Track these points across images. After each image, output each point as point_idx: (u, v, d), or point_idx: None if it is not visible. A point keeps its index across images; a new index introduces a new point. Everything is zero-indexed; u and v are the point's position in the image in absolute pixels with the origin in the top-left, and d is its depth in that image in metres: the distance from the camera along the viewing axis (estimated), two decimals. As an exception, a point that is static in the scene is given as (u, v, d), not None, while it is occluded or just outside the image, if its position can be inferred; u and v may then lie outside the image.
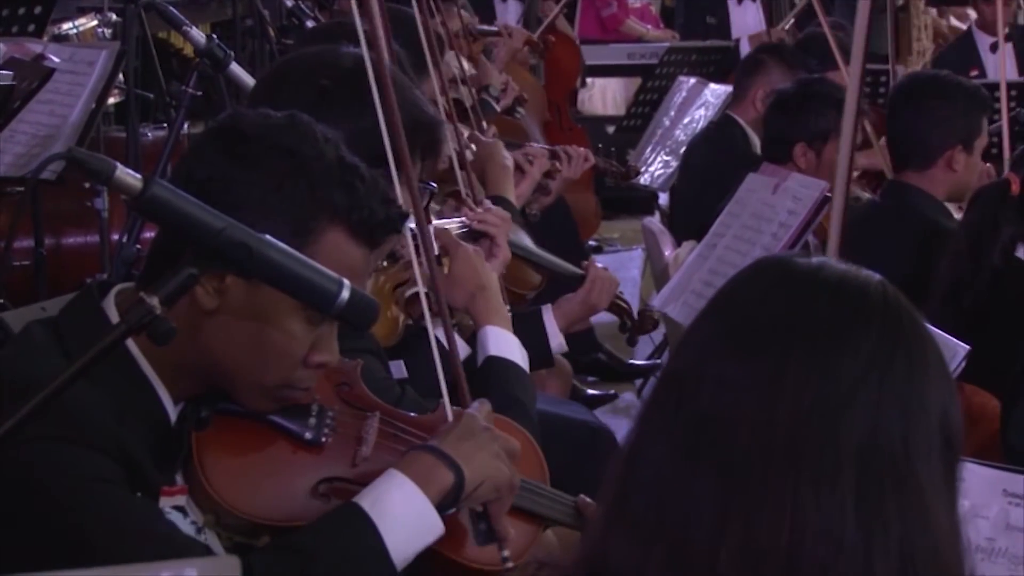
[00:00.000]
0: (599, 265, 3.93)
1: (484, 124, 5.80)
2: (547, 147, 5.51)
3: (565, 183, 5.41)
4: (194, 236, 1.95)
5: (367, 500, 2.21)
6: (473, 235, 3.56)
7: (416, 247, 2.69)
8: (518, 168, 4.95)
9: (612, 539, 1.57)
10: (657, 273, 5.86)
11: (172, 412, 2.23)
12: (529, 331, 3.55)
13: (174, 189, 1.94)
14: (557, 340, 3.72)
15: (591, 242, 8.16)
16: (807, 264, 1.62)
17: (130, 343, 2.15)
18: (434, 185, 3.20)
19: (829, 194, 4.44)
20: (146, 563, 1.44)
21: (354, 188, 2.21)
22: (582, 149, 5.45)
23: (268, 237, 1.98)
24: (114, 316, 2.21)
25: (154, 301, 1.93)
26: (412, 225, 3.17)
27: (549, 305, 3.77)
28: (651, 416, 1.61)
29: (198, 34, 3.23)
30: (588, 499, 2.57)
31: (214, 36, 3.26)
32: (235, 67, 3.24)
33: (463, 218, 3.62)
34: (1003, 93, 5.16)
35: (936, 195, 4.71)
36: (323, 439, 2.30)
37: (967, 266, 4.04)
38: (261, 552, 2.21)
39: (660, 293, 4.85)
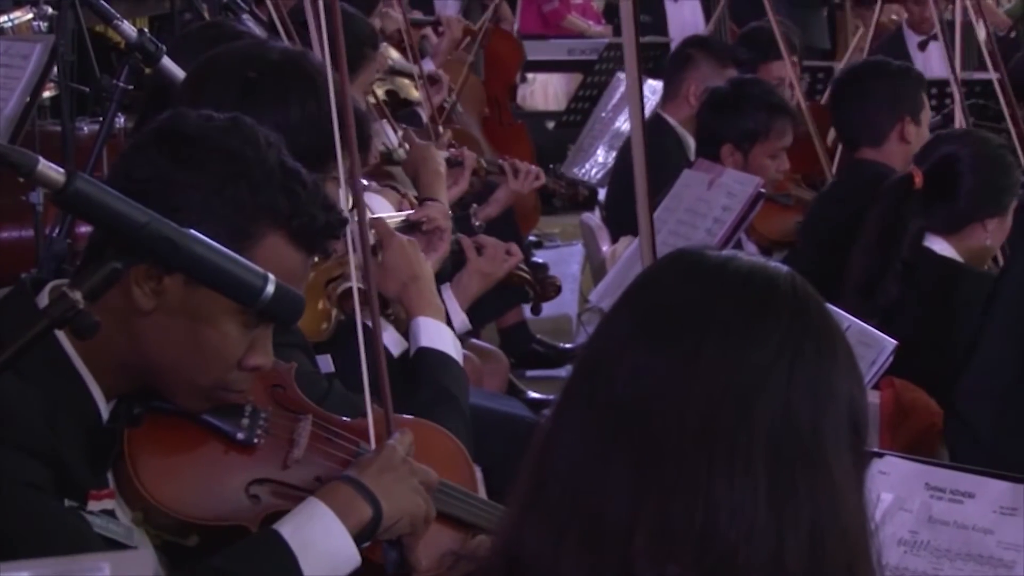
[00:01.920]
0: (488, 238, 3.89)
1: (441, 129, 5.81)
2: (497, 160, 5.51)
3: (513, 196, 5.40)
4: (118, 230, 1.95)
5: (287, 528, 2.22)
6: (412, 227, 3.57)
7: (352, 242, 2.69)
8: (450, 168, 4.97)
9: (527, 525, 1.61)
10: (595, 268, 5.88)
11: (105, 409, 2.22)
12: None
13: (97, 183, 1.94)
14: (460, 318, 3.70)
15: (531, 237, 8.16)
16: (718, 256, 1.66)
17: (64, 340, 2.16)
18: (368, 183, 3.21)
19: (763, 190, 4.49)
20: (58, 557, 1.43)
21: (295, 194, 2.21)
22: (534, 167, 5.43)
23: (192, 232, 1.98)
24: (44, 302, 2.19)
25: (77, 295, 1.92)
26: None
27: (448, 284, 3.76)
28: (567, 404, 1.64)
29: (129, 28, 3.22)
30: None
31: (145, 30, 3.23)
32: (167, 61, 3.23)
33: (405, 212, 3.62)
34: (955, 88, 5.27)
35: (894, 167, 4.77)
36: (255, 440, 2.31)
37: (877, 260, 4.09)
38: (179, 574, 2.21)
39: (596, 288, 4.88)
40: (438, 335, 3.12)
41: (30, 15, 5.90)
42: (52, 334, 2.02)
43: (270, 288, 2.00)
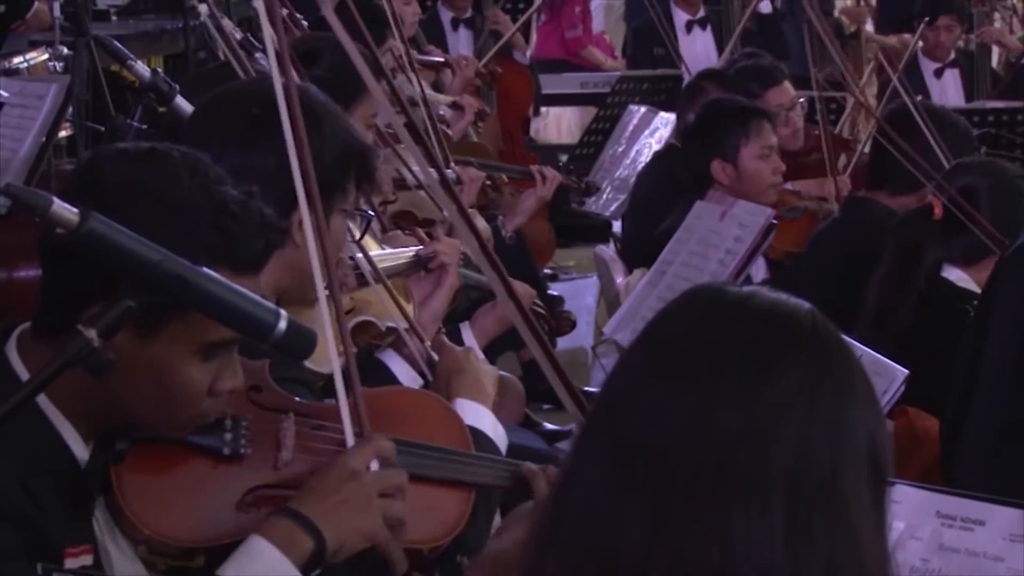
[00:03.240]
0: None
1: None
2: (522, 168, 5.57)
3: (539, 203, 5.47)
4: (131, 269, 1.97)
5: (231, 569, 2.21)
6: (422, 263, 3.59)
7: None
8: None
9: (544, 563, 1.60)
10: (609, 300, 5.89)
11: (83, 451, 2.21)
12: None
13: (110, 223, 1.96)
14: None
15: (546, 270, 8.18)
16: (737, 293, 1.66)
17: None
18: (371, 213, 3.23)
19: (775, 221, 4.51)
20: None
21: (227, 230, 2.17)
22: (553, 171, 5.54)
23: (205, 269, 2.00)
24: (15, 360, 2.20)
25: (92, 333, 1.95)
26: (356, 254, 3.21)
27: (466, 323, 3.79)
28: (584, 442, 1.64)
29: (143, 68, 3.25)
30: (534, 467, 2.60)
31: (158, 70, 3.26)
32: (180, 100, 3.26)
33: (415, 248, 3.64)
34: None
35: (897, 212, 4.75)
36: (241, 451, 2.31)
37: (893, 290, 4.09)
38: None
39: (610, 320, 4.90)
40: (474, 415, 3.10)
41: (45, 56, 5.94)
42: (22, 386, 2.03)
43: (282, 324, 2.02)
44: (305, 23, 6.68)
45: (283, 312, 2.03)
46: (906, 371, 3.24)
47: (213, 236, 2.15)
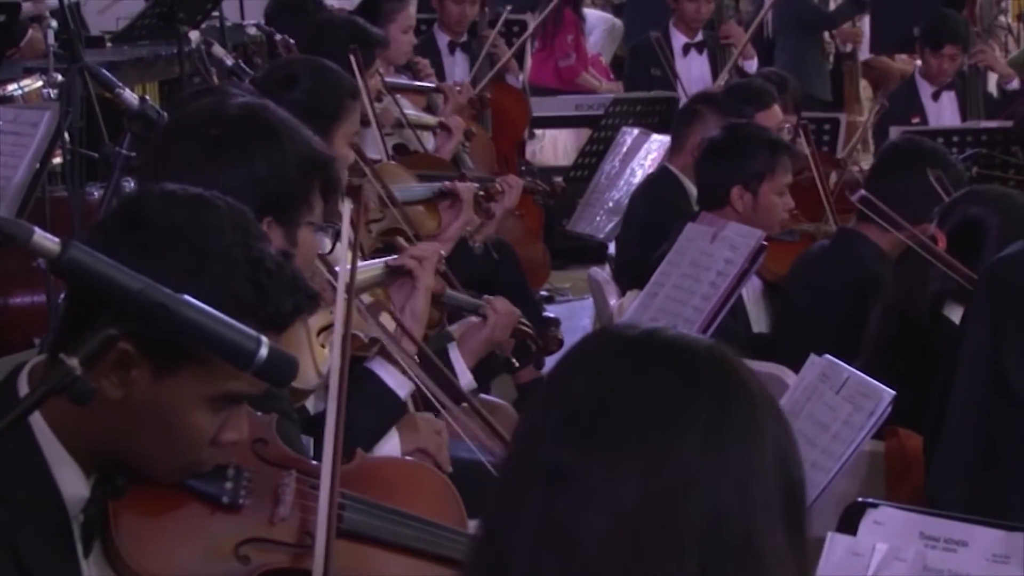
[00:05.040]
0: (497, 298, 3.94)
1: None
2: (479, 178, 5.60)
3: (506, 212, 5.51)
4: (112, 297, 1.98)
5: None
6: (397, 270, 3.61)
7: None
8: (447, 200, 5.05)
9: None
10: (604, 322, 5.90)
11: (83, 487, 2.22)
12: (436, 370, 3.59)
13: (91, 252, 1.97)
14: (466, 378, 3.77)
15: (542, 292, 8.19)
16: (634, 339, 1.61)
17: (38, 423, 2.16)
18: (339, 225, 3.25)
19: (766, 243, 4.51)
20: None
21: (261, 285, 2.19)
22: (515, 177, 5.57)
23: (186, 297, 2.01)
24: (24, 389, 2.21)
25: (74, 362, 1.96)
26: (336, 268, 3.23)
27: (454, 343, 3.81)
28: (497, 504, 1.60)
29: (131, 96, 3.27)
30: None
31: (146, 97, 3.28)
32: (168, 128, 3.27)
33: (387, 257, 3.67)
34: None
35: (885, 252, 4.73)
36: (240, 501, 2.32)
37: (896, 323, 4.08)
38: None
39: (602, 343, 4.89)
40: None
41: (40, 83, 5.98)
42: (26, 422, 2.04)
43: (263, 351, 2.03)
44: (292, 42, 6.74)
45: (264, 339, 2.04)
46: (892, 392, 3.24)
47: (245, 290, 2.17)
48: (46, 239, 1.95)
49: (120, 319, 2.00)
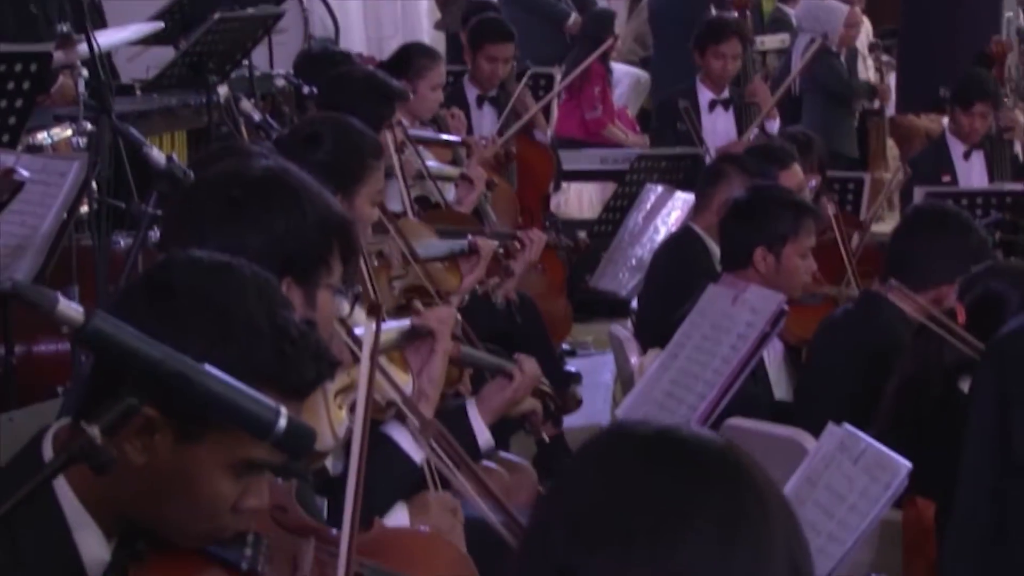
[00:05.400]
0: (524, 357, 3.96)
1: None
2: (500, 235, 5.62)
3: (527, 267, 5.53)
4: (134, 366, 2.01)
5: None
6: (414, 333, 3.63)
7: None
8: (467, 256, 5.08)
9: None
10: (624, 380, 5.91)
11: (103, 550, 2.24)
12: (455, 428, 3.60)
13: (115, 321, 2.00)
14: (484, 437, 3.78)
15: (564, 346, 8.19)
16: (647, 434, 1.61)
17: (61, 487, 2.18)
18: (358, 288, 3.28)
19: (787, 307, 4.52)
20: None
21: (284, 354, 2.21)
22: (537, 232, 5.59)
23: (207, 367, 2.04)
24: (48, 454, 2.23)
25: (95, 430, 1.99)
26: (357, 331, 3.25)
27: (473, 400, 3.82)
28: None
29: (158, 154, 3.30)
30: None
31: (173, 156, 3.31)
32: (195, 187, 3.30)
33: (405, 320, 3.69)
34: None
35: (909, 317, 4.74)
36: (259, 568, 2.32)
37: (911, 393, 4.08)
38: None
39: (623, 403, 4.91)
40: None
41: (69, 131, 6.01)
42: (49, 485, 2.06)
43: (282, 422, 2.06)
44: (314, 91, 6.78)
45: (283, 410, 2.06)
46: (909, 465, 3.24)
47: (269, 358, 2.19)
48: (70, 308, 1.98)
49: (142, 387, 2.03)
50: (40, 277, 5.11)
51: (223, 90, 5.41)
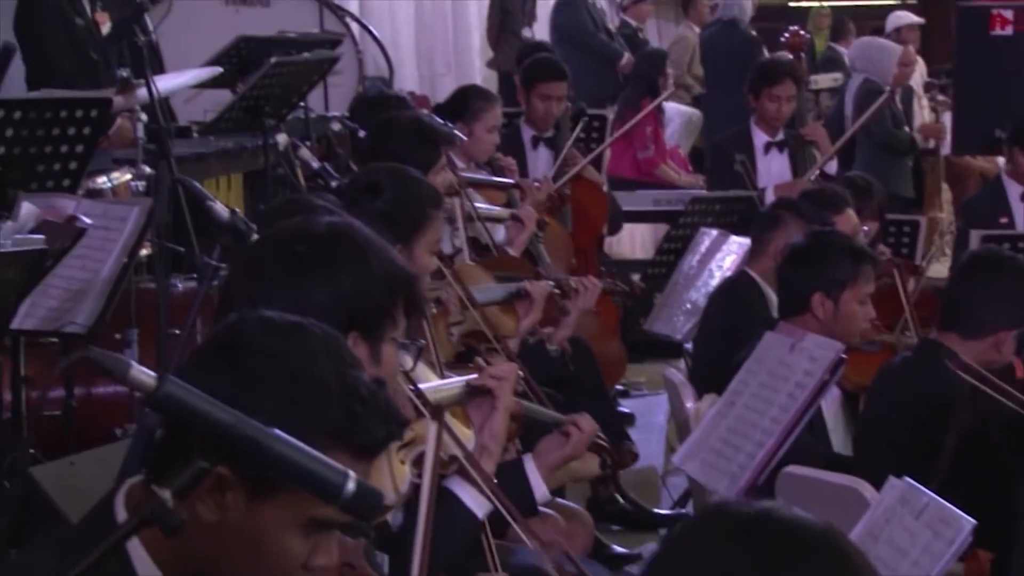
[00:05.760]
0: (582, 416, 3.97)
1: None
2: (556, 279, 5.64)
3: (581, 312, 5.54)
4: (205, 430, 2.03)
5: None
6: (476, 389, 3.65)
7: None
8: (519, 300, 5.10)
9: None
10: (679, 424, 5.89)
11: None
12: (512, 482, 3.62)
13: (185, 386, 2.02)
14: (541, 491, 3.79)
15: (618, 386, 8.19)
16: (747, 515, 1.62)
17: (135, 548, 2.20)
18: (421, 342, 3.30)
19: (845, 356, 4.51)
20: None
21: (354, 413, 2.22)
22: (592, 278, 5.61)
23: (277, 431, 2.05)
24: (121, 513, 2.25)
25: (166, 494, 2.01)
26: (421, 385, 3.27)
27: (530, 455, 3.84)
28: None
29: (221, 208, 3.33)
30: None
31: (236, 210, 3.34)
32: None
33: (468, 376, 3.70)
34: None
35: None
36: None
37: (971, 449, 4.07)
38: None
39: (680, 449, 4.89)
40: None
41: (128, 175, 6.07)
42: (123, 546, 2.08)
43: (351, 486, 2.06)
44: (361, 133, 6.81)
45: (351, 474, 2.07)
46: (973, 521, 3.23)
47: (338, 417, 2.21)
48: (142, 373, 2.00)
49: (213, 449, 2.05)
50: (100, 321, 5.15)
51: (282, 137, 5.45)
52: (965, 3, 10.30)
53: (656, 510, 6.84)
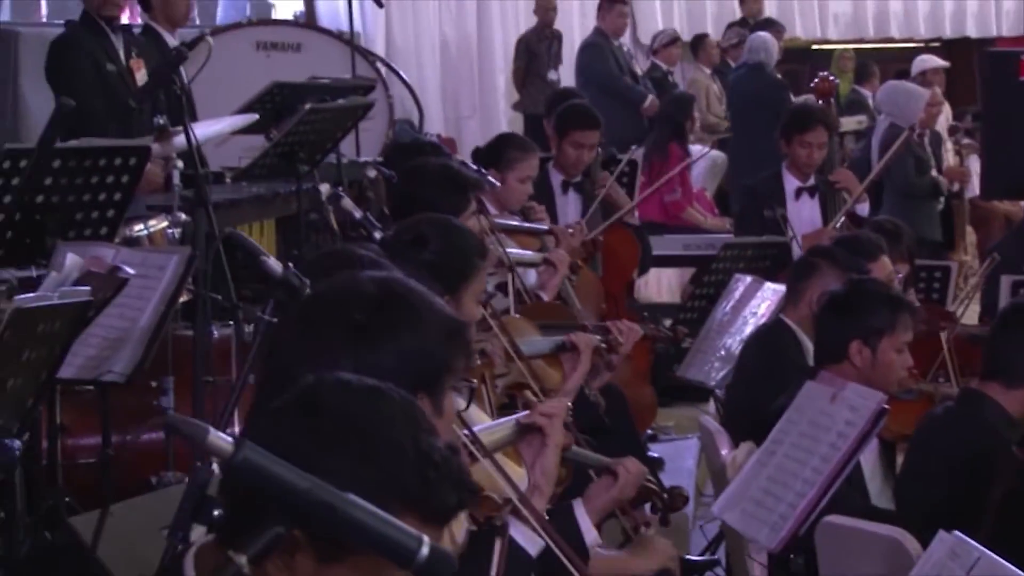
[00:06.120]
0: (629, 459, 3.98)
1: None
2: (598, 324, 5.65)
3: (621, 359, 5.56)
4: (280, 496, 2.04)
5: None
6: (527, 428, 3.66)
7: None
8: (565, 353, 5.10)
9: None
10: (715, 471, 5.89)
11: None
12: (562, 527, 3.62)
13: (262, 452, 2.03)
14: (592, 535, 3.79)
15: (647, 431, 8.19)
16: None
17: None
18: (474, 383, 3.30)
19: (887, 406, 4.51)
20: None
21: (427, 479, 2.23)
22: (632, 324, 5.61)
23: (351, 496, 2.06)
24: (189, 571, 2.26)
25: (242, 560, 2.02)
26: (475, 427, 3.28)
27: (580, 500, 3.84)
28: None
29: (274, 263, 3.33)
30: None
31: (290, 265, 3.35)
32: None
33: (517, 415, 3.72)
34: None
35: (1014, 414, 4.73)
36: None
37: (1016, 503, 4.06)
38: None
39: (719, 499, 4.89)
40: None
41: (165, 223, 6.10)
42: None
43: (424, 550, 2.07)
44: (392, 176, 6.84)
45: (425, 538, 2.08)
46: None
47: (413, 482, 2.21)
48: (220, 439, 2.01)
49: (287, 514, 2.05)
50: (139, 370, 5.17)
51: (325, 187, 5.48)
52: (993, 48, 10.32)
53: (687, 556, 6.82)
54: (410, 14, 14.08)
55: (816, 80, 8.85)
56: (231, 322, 5.98)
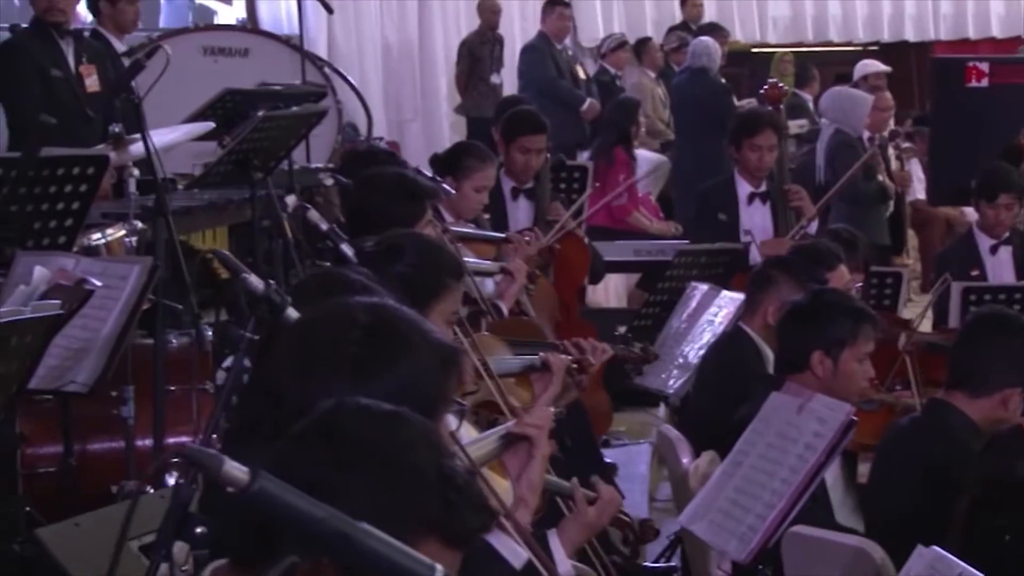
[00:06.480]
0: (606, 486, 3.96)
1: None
2: (574, 342, 5.64)
3: (593, 378, 5.56)
4: (296, 525, 2.03)
5: None
6: (512, 439, 3.65)
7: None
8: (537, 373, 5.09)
9: None
10: (676, 480, 5.89)
11: None
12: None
13: (277, 481, 2.02)
14: (565, 567, 3.76)
15: (601, 436, 8.18)
16: None
17: None
18: (464, 403, 3.30)
19: (855, 418, 4.53)
20: None
21: (450, 503, 2.23)
22: (603, 344, 5.61)
23: (366, 526, 2.05)
24: None
25: (261, 588, 2.01)
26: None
27: (555, 531, 3.82)
28: None
29: (256, 280, 3.32)
30: None
31: (271, 282, 3.33)
32: (292, 311, 3.33)
33: (502, 428, 3.71)
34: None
35: (979, 423, 4.77)
36: None
37: (983, 514, 4.08)
38: None
39: (685, 510, 4.90)
40: None
41: (122, 232, 6.06)
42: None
43: (438, 578, 2.07)
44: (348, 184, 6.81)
45: (439, 567, 2.07)
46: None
47: (435, 505, 2.22)
48: (235, 469, 2.00)
49: (302, 544, 2.05)
50: (102, 380, 5.15)
51: (291, 199, 5.47)
52: (933, 54, 10.41)
53: (645, 563, 6.83)
54: (352, 17, 14.06)
55: (765, 87, 8.87)
56: (191, 331, 5.95)
